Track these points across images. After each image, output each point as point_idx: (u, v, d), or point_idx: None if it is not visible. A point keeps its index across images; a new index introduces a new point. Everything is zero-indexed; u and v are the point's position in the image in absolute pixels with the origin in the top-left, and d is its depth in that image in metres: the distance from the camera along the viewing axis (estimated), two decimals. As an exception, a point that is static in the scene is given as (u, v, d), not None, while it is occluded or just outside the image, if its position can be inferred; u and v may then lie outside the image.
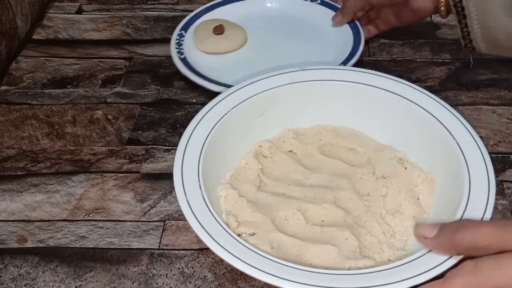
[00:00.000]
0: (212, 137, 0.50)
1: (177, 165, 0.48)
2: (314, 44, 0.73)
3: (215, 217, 0.44)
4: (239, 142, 0.54)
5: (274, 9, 0.78)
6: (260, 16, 0.77)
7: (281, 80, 0.56)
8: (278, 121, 0.56)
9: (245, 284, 0.48)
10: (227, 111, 0.53)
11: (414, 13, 0.66)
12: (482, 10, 0.57)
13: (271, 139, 0.56)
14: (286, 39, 0.74)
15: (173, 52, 0.70)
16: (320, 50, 0.71)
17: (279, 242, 0.46)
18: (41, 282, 0.49)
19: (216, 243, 0.42)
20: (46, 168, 0.59)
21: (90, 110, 0.66)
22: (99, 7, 0.84)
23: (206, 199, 0.45)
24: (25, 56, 0.75)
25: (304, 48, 0.72)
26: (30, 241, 0.52)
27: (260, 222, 0.48)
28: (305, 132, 0.57)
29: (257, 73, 0.57)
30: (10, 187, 0.57)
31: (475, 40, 0.59)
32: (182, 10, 0.83)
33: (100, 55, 0.75)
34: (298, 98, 0.56)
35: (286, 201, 0.50)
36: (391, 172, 0.52)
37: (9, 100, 0.68)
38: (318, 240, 0.46)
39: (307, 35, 0.75)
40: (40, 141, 0.62)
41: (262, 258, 0.41)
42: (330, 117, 0.57)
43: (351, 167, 0.53)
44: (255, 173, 0.53)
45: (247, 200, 0.49)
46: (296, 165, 0.54)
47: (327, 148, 0.55)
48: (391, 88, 0.55)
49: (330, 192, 0.50)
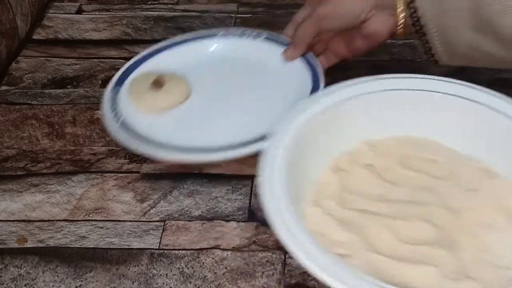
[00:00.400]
0: (292, 154, 0.48)
1: (265, 185, 0.45)
2: (267, 88, 0.63)
3: (311, 239, 0.41)
4: (317, 156, 0.51)
5: (217, 53, 0.68)
6: (202, 63, 0.66)
7: (355, 91, 0.53)
8: (352, 133, 0.54)
9: (245, 284, 0.48)
10: (306, 125, 0.50)
11: (369, 38, 0.60)
12: (442, 27, 0.55)
13: (348, 152, 0.53)
14: (235, 86, 0.64)
15: (108, 116, 0.58)
16: (275, 94, 0.61)
17: (376, 263, 0.44)
18: (41, 282, 0.49)
19: (330, 275, 0.39)
20: (46, 168, 0.59)
21: (90, 110, 0.66)
22: (99, 7, 0.84)
23: (297, 220, 0.43)
24: (25, 56, 0.75)
25: (257, 94, 0.63)
26: (30, 241, 0.52)
27: (352, 242, 0.45)
28: (381, 144, 0.54)
29: (208, 129, 0.57)
30: (10, 187, 0.57)
31: (437, 54, 0.57)
32: (182, 10, 0.83)
33: (100, 55, 0.75)
34: (373, 109, 0.53)
35: (374, 219, 0.47)
36: (478, 183, 0.50)
37: (9, 100, 0.68)
38: (414, 260, 0.44)
39: (258, 79, 0.65)
40: (40, 141, 0.62)
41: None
42: (406, 128, 0.54)
43: (434, 179, 0.51)
44: (336, 188, 0.50)
45: (335, 219, 0.47)
46: (375, 179, 0.51)
47: (405, 160, 0.53)
48: (470, 95, 0.52)
49: (417, 207, 0.48)
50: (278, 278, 0.49)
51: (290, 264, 0.50)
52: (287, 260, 0.50)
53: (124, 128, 0.56)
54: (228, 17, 0.81)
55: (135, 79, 0.63)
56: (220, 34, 0.68)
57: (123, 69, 0.64)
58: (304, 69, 0.62)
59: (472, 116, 0.52)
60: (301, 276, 0.49)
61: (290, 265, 0.49)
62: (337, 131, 0.53)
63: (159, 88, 0.61)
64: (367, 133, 0.54)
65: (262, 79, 0.64)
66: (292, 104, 0.55)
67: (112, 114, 0.57)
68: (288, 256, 0.50)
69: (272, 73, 0.64)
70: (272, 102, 0.60)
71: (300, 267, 0.49)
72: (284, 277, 0.49)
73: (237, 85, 0.64)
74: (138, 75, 0.63)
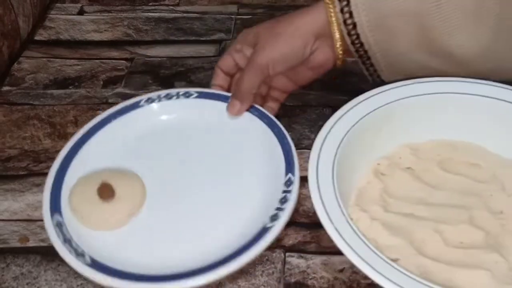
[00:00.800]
0: (338, 158, 0.48)
1: (313, 189, 0.45)
2: (229, 158, 0.56)
3: (369, 247, 0.41)
4: (359, 160, 0.51)
5: (159, 126, 0.58)
6: (147, 142, 0.58)
7: (395, 95, 0.53)
8: (392, 136, 0.53)
9: (245, 283, 0.48)
10: (348, 130, 0.50)
11: (314, 70, 0.56)
12: (388, 50, 0.53)
13: (388, 155, 0.53)
14: (197, 173, 0.55)
15: (53, 238, 0.47)
16: (243, 168, 0.55)
17: (425, 267, 0.44)
18: (42, 281, 0.49)
19: (381, 275, 0.39)
20: (48, 168, 0.59)
21: (92, 110, 0.67)
22: (100, 8, 0.84)
23: (353, 227, 0.43)
24: (27, 57, 0.75)
25: (222, 172, 0.55)
26: (32, 240, 0.53)
27: (400, 247, 0.45)
28: (421, 147, 0.54)
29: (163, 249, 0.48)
30: (12, 187, 0.58)
31: (382, 73, 0.56)
32: (182, 11, 0.83)
33: (102, 56, 0.75)
34: (413, 112, 0.53)
35: (420, 223, 0.47)
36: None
37: (11, 101, 0.68)
38: (465, 264, 0.44)
39: (219, 153, 0.56)
40: (42, 141, 0.63)
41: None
42: (446, 131, 0.54)
43: (477, 183, 0.50)
44: (378, 192, 0.50)
45: (382, 223, 0.47)
46: (417, 182, 0.51)
47: (446, 163, 0.52)
48: (510, 98, 0.52)
49: (463, 211, 0.48)
50: (278, 276, 0.49)
51: (290, 262, 0.50)
52: (287, 259, 0.50)
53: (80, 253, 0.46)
54: (228, 19, 0.81)
55: (76, 187, 0.51)
56: (144, 101, 0.60)
57: (55, 168, 0.53)
58: (260, 125, 0.56)
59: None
60: (301, 274, 0.49)
61: (290, 264, 0.50)
62: (378, 135, 0.52)
63: (109, 198, 0.50)
64: (408, 137, 0.54)
65: (223, 152, 0.56)
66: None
67: (54, 234, 0.47)
68: (288, 255, 0.50)
69: (232, 142, 0.57)
70: (243, 180, 0.54)
71: (300, 266, 0.49)
72: (284, 275, 0.49)
73: (199, 170, 0.55)
74: (78, 182, 0.52)
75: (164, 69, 0.72)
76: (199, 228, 0.50)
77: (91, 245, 0.48)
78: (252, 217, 0.49)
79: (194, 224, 0.51)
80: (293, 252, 0.51)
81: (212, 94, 0.59)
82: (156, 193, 0.53)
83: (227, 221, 0.50)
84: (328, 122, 0.51)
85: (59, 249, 0.46)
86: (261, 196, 0.51)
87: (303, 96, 0.66)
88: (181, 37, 0.78)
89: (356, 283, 0.48)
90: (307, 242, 0.51)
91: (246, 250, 0.45)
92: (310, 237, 0.52)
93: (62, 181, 0.52)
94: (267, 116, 0.57)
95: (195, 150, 0.57)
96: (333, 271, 0.49)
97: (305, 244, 0.51)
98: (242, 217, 0.50)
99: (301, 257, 0.50)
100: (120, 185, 0.51)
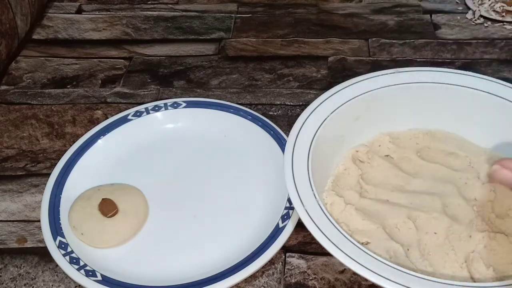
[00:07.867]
0: (315, 144, 0.48)
1: (288, 174, 0.45)
2: (230, 166, 0.56)
3: (336, 227, 0.41)
4: (337, 147, 0.51)
5: (154, 141, 0.58)
6: (146, 157, 0.58)
7: (375, 83, 0.53)
8: (372, 124, 0.54)
9: (245, 284, 0.48)
10: (326, 117, 0.50)
11: None
12: None
13: (367, 143, 0.53)
14: (200, 183, 0.55)
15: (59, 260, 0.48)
16: (246, 175, 0.55)
17: (395, 252, 0.44)
18: (40, 282, 0.49)
19: (345, 254, 0.39)
20: (46, 168, 0.59)
21: (90, 110, 0.66)
22: (99, 7, 0.84)
23: (323, 209, 0.43)
24: (25, 56, 0.75)
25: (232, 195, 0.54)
26: (30, 241, 0.52)
27: (372, 231, 0.46)
28: (400, 136, 0.54)
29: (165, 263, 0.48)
30: (10, 187, 0.57)
31: None
32: (182, 10, 0.83)
33: (100, 55, 0.75)
34: (393, 101, 0.53)
35: (395, 209, 0.48)
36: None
37: (9, 100, 0.68)
38: (437, 250, 0.45)
39: (223, 164, 0.56)
40: (40, 141, 0.62)
41: (398, 271, 0.39)
42: (426, 120, 0.54)
43: (454, 171, 0.51)
44: (355, 179, 0.51)
45: (355, 208, 0.47)
46: (395, 170, 0.51)
47: (425, 152, 0.53)
48: (489, 89, 0.52)
49: (437, 199, 0.48)
50: (278, 277, 0.49)
51: (290, 263, 0.50)
52: (287, 259, 0.50)
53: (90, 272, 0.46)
54: (228, 17, 0.81)
55: (76, 203, 0.51)
56: (132, 115, 0.60)
57: (53, 179, 0.53)
58: (265, 136, 0.57)
59: (492, 110, 0.52)
60: (301, 275, 0.49)
61: (290, 264, 0.49)
62: (358, 122, 0.53)
63: (112, 214, 0.49)
64: (387, 126, 0.54)
65: (223, 161, 0.57)
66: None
67: (60, 254, 0.48)
68: (289, 256, 0.50)
69: (227, 149, 0.58)
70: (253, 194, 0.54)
71: (300, 267, 0.49)
72: (284, 276, 0.49)
73: (199, 179, 0.55)
74: (78, 199, 0.51)
75: (163, 68, 0.72)
76: (207, 236, 0.51)
77: (96, 260, 0.48)
78: (261, 220, 0.51)
79: (200, 233, 0.51)
80: (293, 253, 0.50)
81: (201, 103, 0.61)
82: (158, 205, 0.53)
83: (236, 226, 0.51)
84: (304, 112, 0.51)
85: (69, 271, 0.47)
86: (267, 200, 0.53)
87: (303, 96, 0.66)
88: (180, 36, 0.77)
89: (357, 285, 0.48)
90: (307, 242, 0.51)
91: (263, 250, 0.47)
92: (310, 238, 0.51)
93: (59, 200, 0.52)
94: (262, 120, 0.59)
95: (193, 160, 0.57)
96: (333, 272, 0.49)
97: (305, 244, 0.51)
98: (250, 221, 0.52)
99: (301, 258, 0.50)
100: (122, 200, 0.51)
